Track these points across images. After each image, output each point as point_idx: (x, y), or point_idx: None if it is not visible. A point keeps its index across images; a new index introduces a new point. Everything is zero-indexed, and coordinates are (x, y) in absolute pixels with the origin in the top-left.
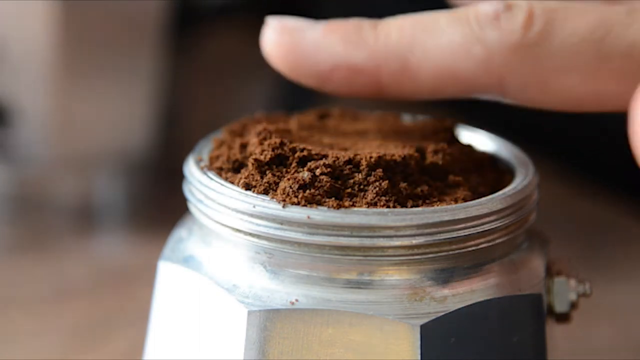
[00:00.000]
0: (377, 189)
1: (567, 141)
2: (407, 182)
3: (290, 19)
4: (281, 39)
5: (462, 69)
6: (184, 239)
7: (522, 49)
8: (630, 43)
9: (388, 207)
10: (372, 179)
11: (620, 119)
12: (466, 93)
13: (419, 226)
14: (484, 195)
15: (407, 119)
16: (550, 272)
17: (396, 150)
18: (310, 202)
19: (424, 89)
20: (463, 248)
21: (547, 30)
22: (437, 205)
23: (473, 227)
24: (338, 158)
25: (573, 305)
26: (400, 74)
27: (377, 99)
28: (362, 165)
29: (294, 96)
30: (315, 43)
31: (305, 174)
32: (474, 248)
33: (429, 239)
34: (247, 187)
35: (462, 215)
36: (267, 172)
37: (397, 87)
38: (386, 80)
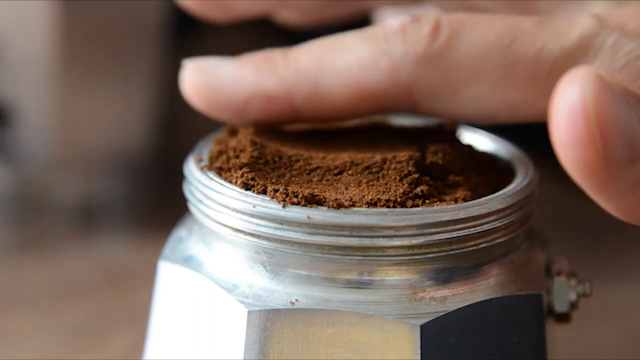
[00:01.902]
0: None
1: None
2: (407, 182)
3: (207, 59)
4: (197, 78)
5: (371, 83)
6: (184, 239)
7: (428, 58)
8: (538, 50)
9: (388, 207)
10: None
11: None
12: (380, 108)
13: (419, 226)
14: (484, 195)
15: (408, 120)
16: (550, 272)
17: (398, 152)
18: (310, 202)
19: (337, 108)
20: (463, 248)
21: (453, 40)
22: (437, 205)
23: (473, 227)
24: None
25: (573, 305)
26: (312, 96)
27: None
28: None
29: None
30: (228, 77)
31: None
32: (474, 248)
33: (429, 239)
34: (246, 187)
35: (462, 215)
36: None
37: (312, 109)
38: (300, 104)
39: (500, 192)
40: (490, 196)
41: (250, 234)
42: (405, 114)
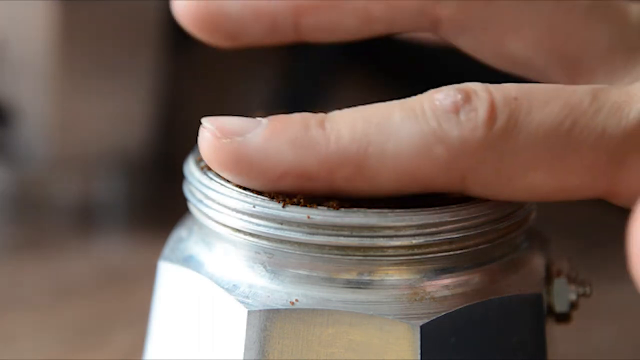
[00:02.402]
0: None
1: None
2: None
3: (228, 119)
4: (222, 146)
5: (422, 171)
6: (184, 239)
7: (486, 146)
8: (599, 135)
9: (388, 207)
10: None
11: None
12: (425, 191)
13: (419, 226)
14: None
15: None
16: (550, 272)
17: None
18: (310, 202)
19: (381, 191)
20: (463, 248)
21: (511, 125)
22: (437, 205)
23: (473, 227)
24: None
25: (573, 305)
26: (356, 178)
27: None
28: None
29: (294, 96)
30: (260, 150)
31: None
32: (473, 248)
33: (429, 239)
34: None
35: (462, 215)
36: None
37: (352, 189)
38: (340, 185)
39: None
40: None
41: (250, 234)
42: None
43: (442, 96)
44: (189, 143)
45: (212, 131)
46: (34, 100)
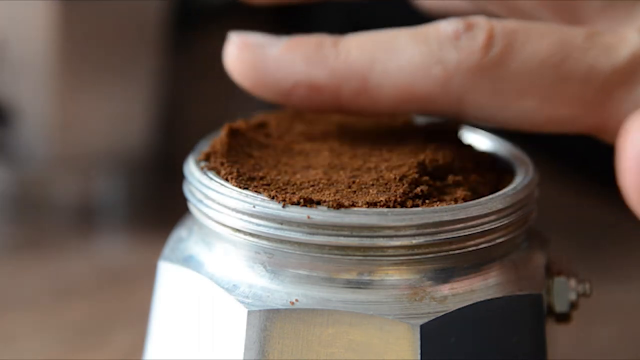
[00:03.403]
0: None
1: (567, 141)
2: (407, 182)
3: (253, 34)
4: (242, 55)
5: (421, 88)
6: (184, 239)
7: (481, 70)
8: (588, 68)
9: (388, 207)
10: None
11: None
12: (425, 111)
13: (419, 226)
14: (484, 195)
15: (410, 119)
16: (550, 272)
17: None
18: (310, 202)
19: (383, 107)
20: (463, 248)
21: (506, 52)
22: (437, 205)
23: (473, 227)
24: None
25: (573, 305)
26: (360, 92)
27: (337, 113)
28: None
29: None
30: (276, 60)
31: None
32: (474, 248)
33: (429, 239)
34: (244, 186)
35: (462, 215)
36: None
37: (357, 104)
38: (346, 98)
39: (500, 192)
40: (490, 196)
41: (250, 234)
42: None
43: (446, 25)
44: (189, 143)
45: (235, 43)
46: (34, 100)
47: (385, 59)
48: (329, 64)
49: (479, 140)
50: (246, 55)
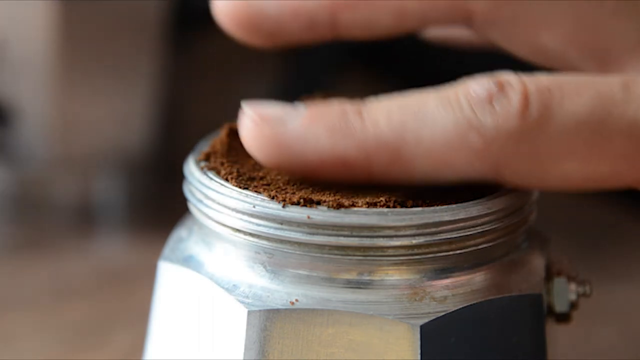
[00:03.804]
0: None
1: None
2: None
3: (267, 105)
4: (261, 132)
5: (457, 158)
6: (184, 239)
7: (519, 137)
8: (629, 123)
9: (388, 207)
10: None
11: None
12: (459, 179)
13: (419, 226)
14: (484, 196)
15: None
16: (550, 272)
17: None
18: (310, 202)
19: (416, 177)
20: (463, 248)
21: (544, 115)
22: (437, 205)
23: (473, 227)
24: None
25: (573, 305)
26: (392, 165)
27: (366, 184)
28: None
29: (294, 96)
30: (298, 136)
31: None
32: (474, 248)
33: (429, 239)
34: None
35: (462, 215)
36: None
37: (388, 176)
38: (377, 171)
39: (500, 192)
40: (490, 196)
41: (250, 234)
42: None
43: (476, 86)
44: (189, 143)
45: (252, 118)
46: (34, 100)
47: (417, 128)
48: (356, 137)
49: None
50: (266, 131)
